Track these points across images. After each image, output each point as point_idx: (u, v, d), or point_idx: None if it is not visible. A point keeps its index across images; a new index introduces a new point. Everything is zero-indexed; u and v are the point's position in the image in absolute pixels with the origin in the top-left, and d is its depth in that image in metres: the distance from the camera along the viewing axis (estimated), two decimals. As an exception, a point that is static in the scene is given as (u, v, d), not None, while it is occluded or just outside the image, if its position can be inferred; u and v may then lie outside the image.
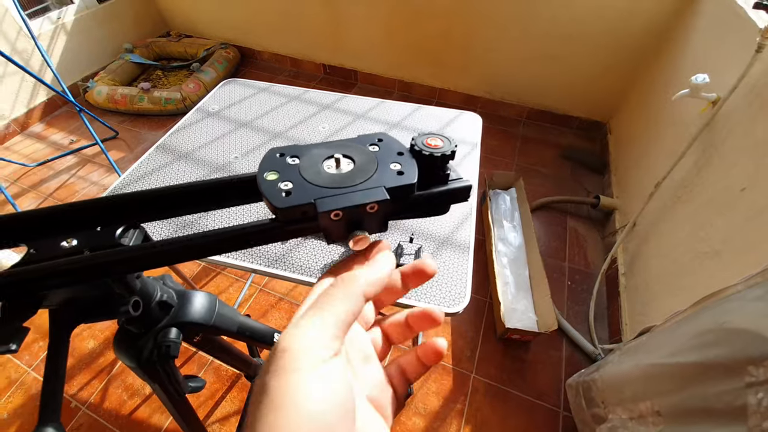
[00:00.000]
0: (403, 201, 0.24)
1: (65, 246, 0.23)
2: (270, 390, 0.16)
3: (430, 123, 0.88)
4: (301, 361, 0.16)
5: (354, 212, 0.22)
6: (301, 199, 0.22)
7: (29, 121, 2.03)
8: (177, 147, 0.82)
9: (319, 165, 0.24)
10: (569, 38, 1.64)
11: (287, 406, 0.15)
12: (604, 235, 1.50)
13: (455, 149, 0.27)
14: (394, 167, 0.24)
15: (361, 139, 0.26)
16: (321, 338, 0.17)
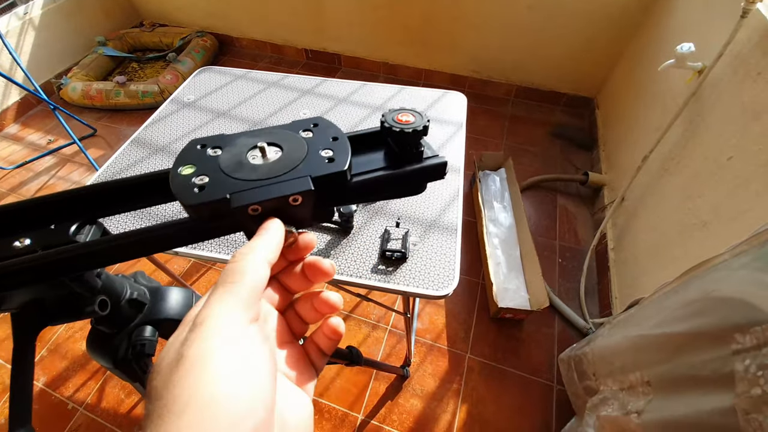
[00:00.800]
0: (334, 190, 0.23)
1: (18, 246, 0.22)
2: (187, 358, 0.16)
3: (414, 104, 0.86)
4: (218, 329, 0.17)
5: (274, 206, 0.20)
6: (214, 194, 0.20)
7: (3, 123, 1.95)
8: (153, 140, 0.80)
9: (242, 156, 0.22)
10: (552, 11, 1.60)
11: (207, 369, 0.15)
12: (593, 211, 1.50)
13: (427, 124, 0.25)
14: (325, 154, 0.23)
15: (295, 125, 0.25)
16: (234, 308, 0.17)
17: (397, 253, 0.58)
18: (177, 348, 0.16)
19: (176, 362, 0.16)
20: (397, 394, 1.10)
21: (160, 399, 0.15)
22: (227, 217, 0.21)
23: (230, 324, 0.17)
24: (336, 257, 0.60)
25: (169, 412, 0.15)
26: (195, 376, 0.15)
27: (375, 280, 0.57)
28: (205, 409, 0.15)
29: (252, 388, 0.16)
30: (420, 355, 1.17)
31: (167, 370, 0.16)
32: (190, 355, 0.16)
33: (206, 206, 0.20)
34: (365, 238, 0.62)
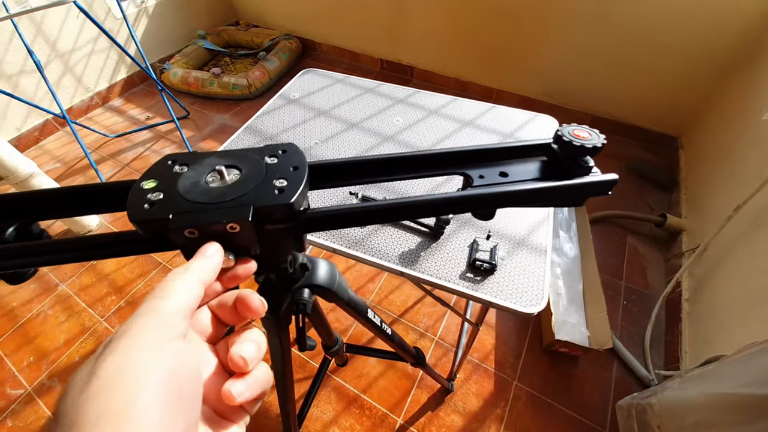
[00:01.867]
0: (281, 221, 0.22)
1: None
2: (100, 374, 0.15)
3: (504, 124, 0.88)
4: (136, 344, 0.16)
5: (213, 231, 0.20)
6: (159, 213, 0.20)
7: (110, 96, 2.22)
8: (263, 129, 0.87)
9: (202, 176, 0.23)
10: (644, 48, 1.55)
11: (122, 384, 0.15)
12: (667, 256, 1.41)
13: (605, 142, 0.27)
14: (279, 184, 0.22)
15: (265, 150, 0.25)
16: (158, 324, 0.17)
17: (487, 264, 0.60)
18: (91, 366, 0.16)
19: (88, 379, 0.15)
20: (438, 406, 1.10)
21: (66, 417, 0.14)
22: (166, 236, 0.21)
23: (151, 338, 0.16)
24: (425, 259, 0.63)
25: (82, 423, 0.14)
26: (108, 392, 0.14)
27: (463, 286, 0.59)
28: (120, 420, 0.14)
29: (176, 404, 0.16)
30: (465, 372, 1.15)
31: (77, 389, 0.15)
32: (103, 370, 0.15)
33: (149, 223, 0.20)
34: (454, 246, 0.64)
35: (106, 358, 0.15)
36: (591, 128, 0.28)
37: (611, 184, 0.28)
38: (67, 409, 0.15)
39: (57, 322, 1.33)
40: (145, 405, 0.14)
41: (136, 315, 0.17)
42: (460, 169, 0.28)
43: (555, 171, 0.29)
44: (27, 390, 1.19)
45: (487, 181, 0.28)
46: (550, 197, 0.28)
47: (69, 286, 1.41)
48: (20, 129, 1.95)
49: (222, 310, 0.21)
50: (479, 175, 0.28)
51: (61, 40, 1.94)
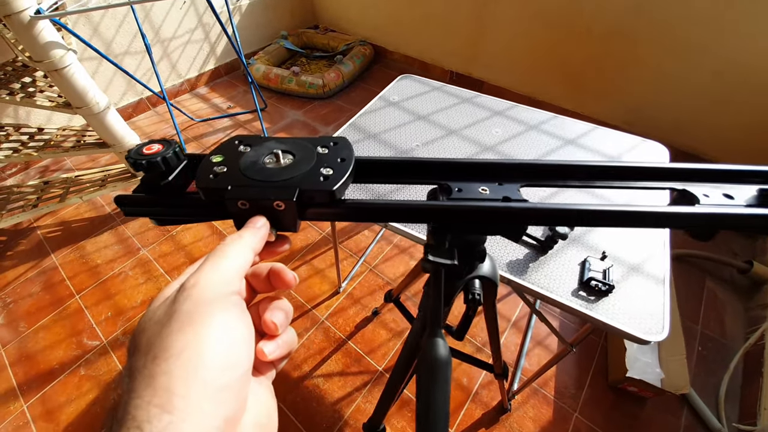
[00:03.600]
0: (322, 206, 0.24)
1: (482, 192, 0.28)
2: (179, 313, 0.17)
3: (608, 146, 0.87)
4: (208, 292, 0.18)
5: (262, 205, 0.23)
6: (220, 183, 0.23)
7: (198, 84, 2.39)
8: (366, 128, 0.92)
9: (261, 157, 0.25)
10: (741, 85, 1.47)
11: (199, 323, 0.17)
12: (749, 305, 1.32)
13: None
14: (326, 171, 0.24)
15: (319, 140, 0.27)
16: (221, 278, 0.19)
17: (603, 284, 0.59)
18: (165, 309, 0.18)
19: (168, 318, 0.17)
20: (492, 425, 1.08)
21: (150, 350, 0.17)
22: (223, 205, 0.23)
23: (219, 290, 0.19)
24: (533, 271, 0.63)
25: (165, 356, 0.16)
26: (188, 329, 0.17)
27: (577, 304, 0.58)
28: (197, 355, 0.16)
29: (237, 345, 0.18)
30: (523, 396, 1.13)
31: (157, 326, 0.17)
32: (182, 311, 0.17)
33: (209, 191, 0.23)
34: (563, 262, 0.64)
35: (183, 303, 0.18)
36: None
37: None
38: (149, 342, 0.17)
39: (136, 283, 1.43)
40: (216, 340, 0.17)
41: (201, 270, 0.20)
42: (681, 185, 0.29)
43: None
44: (102, 342, 1.28)
45: (712, 201, 0.28)
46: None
47: (150, 251, 1.52)
48: (117, 104, 2.15)
49: (255, 279, 0.24)
50: (704, 193, 0.28)
51: (163, 28, 2.12)
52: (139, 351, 0.17)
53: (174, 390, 0.15)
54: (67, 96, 1.26)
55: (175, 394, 0.15)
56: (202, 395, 0.16)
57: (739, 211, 0.27)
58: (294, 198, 0.23)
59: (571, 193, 0.73)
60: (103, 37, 1.95)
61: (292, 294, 1.36)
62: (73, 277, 1.47)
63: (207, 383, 0.16)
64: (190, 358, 0.16)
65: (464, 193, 0.29)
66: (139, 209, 0.26)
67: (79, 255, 1.54)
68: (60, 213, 1.69)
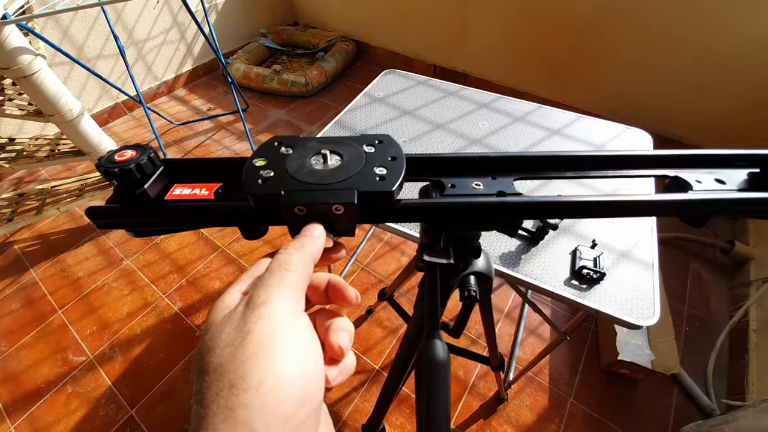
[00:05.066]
0: (378, 208, 0.23)
1: (476, 188, 0.27)
2: (253, 335, 0.16)
3: (594, 135, 0.87)
4: (281, 312, 0.17)
5: (319, 210, 0.22)
6: (272, 188, 0.22)
7: (176, 85, 2.33)
8: (352, 125, 0.90)
9: (306, 158, 0.24)
10: (721, 67, 1.51)
11: (275, 350, 0.16)
12: (732, 284, 1.36)
13: None
14: (379, 171, 0.23)
15: (362, 139, 0.26)
16: (291, 295, 0.18)
17: (595, 272, 0.59)
18: (235, 327, 0.17)
19: (241, 339, 0.16)
20: (490, 415, 1.09)
21: (224, 375, 0.15)
22: (277, 210, 0.22)
23: (290, 309, 0.18)
24: (525, 262, 0.63)
25: (244, 386, 0.15)
26: (264, 355, 0.16)
27: (569, 293, 0.59)
28: (277, 388, 0.15)
29: (314, 376, 0.17)
30: (519, 384, 1.14)
31: (228, 348, 0.16)
32: (256, 333, 0.16)
33: (261, 197, 0.22)
34: (554, 252, 0.64)
35: (256, 323, 0.17)
36: None
37: None
38: (221, 366, 0.16)
39: (120, 295, 1.39)
40: (294, 370, 0.16)
41: (267, 284, 0.18)
42: (673, 172, 0.29)
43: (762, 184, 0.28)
44: (89, 358, 1.24)
45: (705, 186, 0.28)
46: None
47: (133, 261, 1.48)
48: (92, 110, 2.07)
49: (312, 290, 0.22)
50: (696, 180, 0.28)
51: (137, 29, 2.05)
52: (209, 375, 0.16)
53: (254, 427, 0.15)
54: (37, 104, 1.21)
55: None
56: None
57: (733, 196, 0.27)
58: (355, 201, 0.21)
59: (558, 184, 0.73)
60: (73, 40, 1.87)
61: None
62: (54, 292, 1.42)
63: (287, 420, 0.15)
64: (270, 391, 0.15)
65: (458, 189, 0.28)
66: (113, 221, 0.25)
67: (59, 269, 1.48)
68: (37, 226, 1.63)
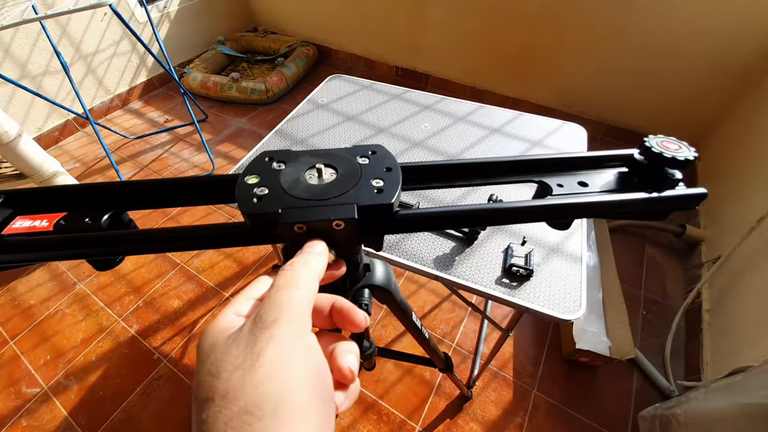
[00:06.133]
0: (377, 221, 0.23)
1: None
2: (265, 358, 0.15)
3: (532, 132, 0.88)
4: (291, 333, 0.16)
5: (319, 227, 0.21)
6: (269, 207, 0.21)
7: (130, 98, 2.25)
8: (293, 133, 0.89)
9: (300, 173, 0.23)
10: (662, 56, 1.56)
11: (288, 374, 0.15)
12: (686, 266, 1.41)
13: (696, 155, 0.27)
14: (376, 183, 0.23)
15: (355, 150, 0.26)
16: (301, 313, 0.17)
17: (524, 269, 0.60)
18: (244, 348, 0.16)
19: (251, 362, 0.15)
20: (456, 414, 1.09)
21: (235, 400, 0.14)
22: (275, 229, 0.22)
23: (301, 330, 0.17)
24: (459, 264, 0.63)
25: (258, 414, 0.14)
26: (278, 378, 0.15)
27: (500, 292, 0.59)
28: (294, 415, 0.14)
29: (327, 400, 0.17)
30: (483, 380, 1.15)
31: (238, 372, 0.15)
32: (268, 356, 0.15)
33: (259, 216, 0.21)
34: (488, 251, 0.65)
35: (267, 345, 0.16)
36: (680, 140, 0.28)
37: (699, 198, 0.26)
38: (231, 390, 0.15)
39: (74, 321, 1.33)
40: (309, 395, 0.15)
41: (275, 302, 0.17)
42: (538, 177, 0.29)
43: (636, 183, 0.28)
44: (43, 389, 1.19)
45: (567, 190, 0.28)
46: (634, 209, 0.28)
47: (87, 285, 1.42)
48: (41, 129, 1.98)
49: (314, 312, 0.21)
50: (558, 183, 0.28)
51: (85, 43, 1.98)
52: (215, 402, 0.14)
53: None
54: (-34, 126, 1.15)
55: None
56: None
57: (589, 199, 0.27)
58: (355, 215, 0.21)
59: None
60: (16, 57, 1.79)
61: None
62: (5, 323, 1.34)
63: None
64: (286, 420, 0.14)
65: None
66: None
67: (10, 297, 1.41)
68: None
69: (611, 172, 0.30)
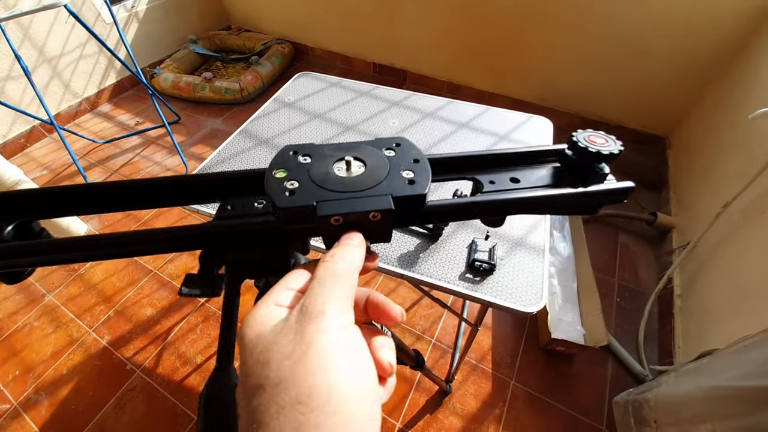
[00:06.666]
0: (410, 212, 0.23)
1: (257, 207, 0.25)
2: (315, 348, 0.15)
3: (499, 126, 0.89)
4: (338, 325, 0.17)
5: (355, 219, 0.21)
6: (303, 200, 0.21)
7: (99, 101, 2.18)
8: (258, 133, 0.87)
9: (329, 166, 0.23)
10: (632, 50, 1.59)
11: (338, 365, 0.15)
12: (658, 254, 1.44)
13: (622, 149, 0.27)
14: (406, 175, 0.23)
15: (379, 143, 0.25)
16: (345, 305, 0.18)
17: (487, 264, 0.60)
18: (292, 338, 0.16)
19: (301, 353, 0.15)
20: (436, 408, 1.09)
21: (287, 390, 0.15)
22: (310, 223, 0.21)
23: (346, 322, 0.17)
24: (424, 261, 0.63)
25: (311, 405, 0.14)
26: (329, 369, 0.15)
27: (463, 287, 0.59)
28: (345, 407, 0.15)
29: (373, 391, 0.17)
30: (463, 373, 1.15)
31: (288, 361, 0.15)
32: (317, 346, 0.16)
33: (294, 210, 0.21)
34: (452, 247, 0.64)
35: (316, 336, 0.16)
36: (608, 134, 0.27)
37: (627, 191, 0.27)
38: (281, 379, 0.15)
39: (44, 334, 1.29)
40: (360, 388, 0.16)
41: (320, 294, 0.17)
42: (470, 174, 0.28)
43: (568, 178, 0.28)
44: (13, 405, 1.15)
45: (498, 186, 0.27)
46: (564, 205, 0.27)
47: (56, 296, 1.38)
48: (6, 136, 1.91)
49: None
50: (489, 180, 0.28)
51: (48, 45, 1.90)
52: (266, 391, 0.15)
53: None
54: None
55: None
56: None
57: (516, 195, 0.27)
58: (392, 206, 0.21)
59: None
60: (-27, 61, 1.71)
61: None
62: (-30, 338, 1.29)
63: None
64: (338, 411, 0.14)
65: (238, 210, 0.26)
66: None
67: (-25, 312, 1.36)
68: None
69: (547, 167, 0.30)
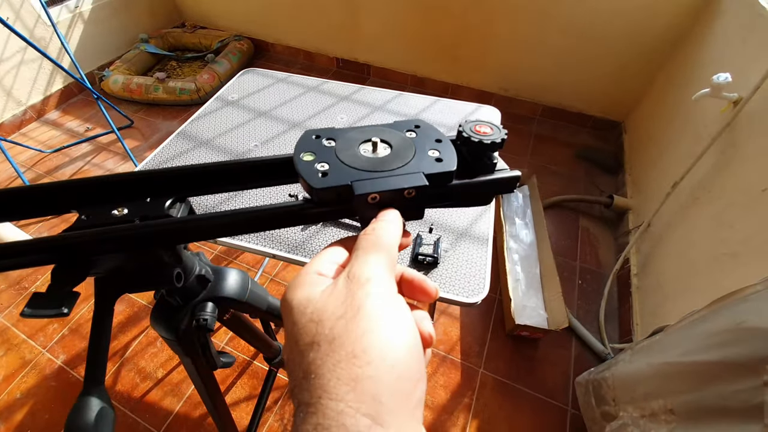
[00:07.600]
0: (441, 188, 0.24)
1: (116, 214, 0.24)
2: (367, 311, 0.16)
3: (448, 116, 0.88)
4: (385, 290, 0.17)
5: (391, 196, 0.22)
6: (338, 180, 0.22)
7: (45, 108, 2.06)
8: (197, 134, 0.83)
9: (355, 148, 0.24)
10: (585, 36, 1.62)
11: (388, 326, 0.16)
12: (616, 235, 1.48)
13: (505, 137, 0.26)
14: (432, 154, 0.24)
15: (398, 125, 0.26)
16: (390, 275, 0.18)
17: (429, 257, 0.59)
18: (342, 300, 0.17)
19: (353, 314, 0.16)
20: (407, 402, 1.09)
21: (343, 345, 0.15)
22: (346, 203, 0.22)
23: (393, 289, 0.18)
24: (368, 257, 0.61)
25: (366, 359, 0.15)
26: (379, 331, 0.16)
27: (406, 282, 0.58)
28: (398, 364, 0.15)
29: (420, 354, 0.17)
30: (432, 365, 1.16)
31: (341, 319, 0.16)
32: (368, 308, 0.16)
33: (331, 190, 0.21)
34: (398, 242, 0.64)
35: (365, 299, 0.16)
36: (492, 123, 0.27)
37: (515, 180, 0.27)
38: (336, 335, 0.15)
39: (-7, 358, 1.21)
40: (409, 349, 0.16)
41: (366, 263, 0.18)
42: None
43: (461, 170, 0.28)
44: (-37, 435, 1.08)
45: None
46: (450, 197, 0.27)
47: (5, 317, 1.29)
48: (-60, 149, 1.77)
49: None
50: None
51: (-18, 50, 1.77)
52: (322, 346, 0.15)
53: (382, 401, 0.14)
54: None
55: (384, 406, 0.14)
56: (406, 412, 0.15)
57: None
58: (426, 183, 0.22)
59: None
60: None
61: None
62: None
63: (409, 397, 0.15)
64: (393, 367, 0.15)
65: (95, 220, 0.24)
66: None
67: None
68: None
69: None
